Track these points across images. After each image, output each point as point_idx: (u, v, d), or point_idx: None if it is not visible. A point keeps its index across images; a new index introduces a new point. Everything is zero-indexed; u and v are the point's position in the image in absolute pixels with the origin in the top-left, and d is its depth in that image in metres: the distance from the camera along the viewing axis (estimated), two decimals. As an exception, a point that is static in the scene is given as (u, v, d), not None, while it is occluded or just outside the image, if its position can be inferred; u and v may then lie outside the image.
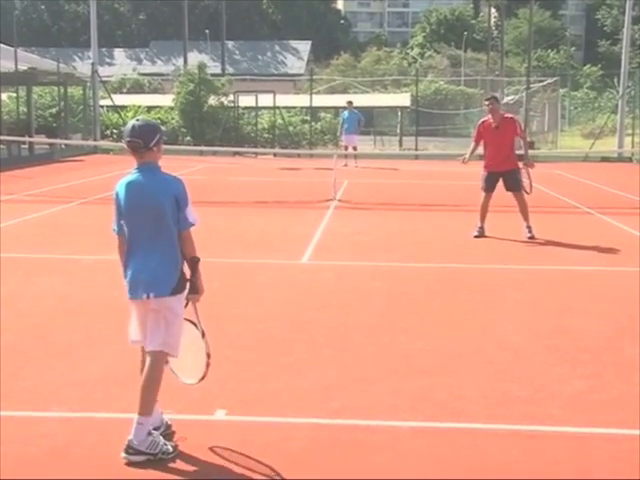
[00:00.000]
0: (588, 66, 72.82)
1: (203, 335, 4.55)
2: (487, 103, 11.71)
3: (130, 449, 4.30)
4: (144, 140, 4.38)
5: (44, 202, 15.11)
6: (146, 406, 4.37)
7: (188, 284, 4.50)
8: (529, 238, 11.51)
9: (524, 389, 5.50)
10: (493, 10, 74.72)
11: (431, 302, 8.00)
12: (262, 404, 5.15)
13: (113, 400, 5.16)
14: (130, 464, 4.28)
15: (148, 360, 4.44)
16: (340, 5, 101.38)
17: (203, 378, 4.57)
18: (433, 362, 6.07)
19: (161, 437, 4.43)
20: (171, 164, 4.46)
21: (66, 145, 27.75)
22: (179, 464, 4.33)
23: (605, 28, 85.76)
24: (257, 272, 9.32)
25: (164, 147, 4.59)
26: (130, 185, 4.44)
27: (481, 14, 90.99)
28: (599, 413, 5.09)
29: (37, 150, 27.10)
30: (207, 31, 64.90)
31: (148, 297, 4.38)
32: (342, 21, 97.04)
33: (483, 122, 11.88)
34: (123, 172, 4.50)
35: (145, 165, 4.44)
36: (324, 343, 6.52)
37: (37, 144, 27.15)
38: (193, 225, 4.45)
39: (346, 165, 23.83)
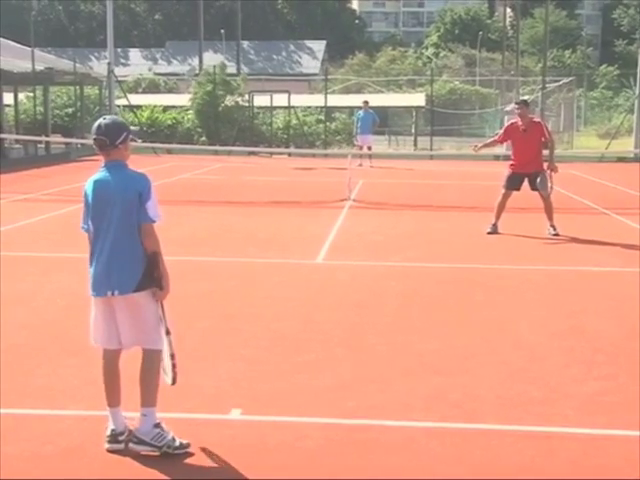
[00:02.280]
0: (604, 66, 72.46)
1: (167, 333, 4.42)
2: (517, 107, 12.07)
3: (134, 438, 4.36)
4: (110, 138, 4.41)
5: (60, 201, 15.18)
6: (149, 397, 4.40)
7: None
8: (554, 235, 11.71)
9: (539, 390, 5.49)
10: (508, 10, 74.44)
11: (445, 302, 7.98)
12: (277, 403, 5.16)
13: (128, 398, 5.16)
14: (142, 461, 4.30)
15: (143, 358, 4.46)
16: (355, 5, 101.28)
17: (174, 381, 4.44)
18: (447, 362, 6.06)
19: (171, 432, 4.44)
20: (186, 163, 4.46)
21: (82, 144, 27.83)
22: (193, 463, 4.34)
23: (622, 28, 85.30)
24: (272, 271, 9.34)
25: (181, 147, 4.59)
26: (97, 183, 4.47)
27: (496, 14, 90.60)
28: (614, 415, 5.07)
29: (53, 149, 27.27)
30: (222, 31, 65.01)
31: (113, 294, 4.38)
32: (357, 21, 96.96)
33: (512, 124, 12.25)
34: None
35: (112, 163, 4.46)
36: (338, 342, 6.53)
37: (53, 143, 27.31)
38: (154, 221, 4.42)
39: (361, 165, 23.82)
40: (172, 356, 4.39)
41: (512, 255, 10.54)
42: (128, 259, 4.39)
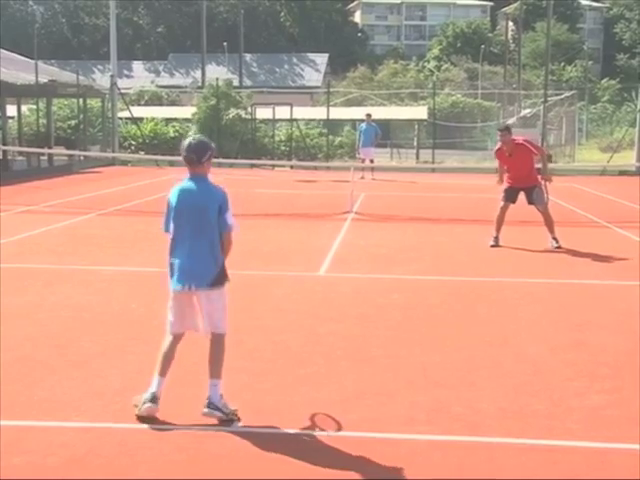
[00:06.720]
0: (606, 79, 72.61)
1: None
2: (499, 134, 12.28)
3: (211, 404, 4.97)
4: (197, 155, 5.14)
5: (63, 213, 15.22)
6: (217, 371, 5.09)
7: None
8: (556, 248, 11.76)
9: (542, 403, 5.49)
10: (510, 23, 74.74)
11: (448, 315, 7.99)
12: (279, 416, 5.16)
13: (132, 411, 5.18)
14: (144, 472, 4.31)
15: (212, 340, 5.17)
16: (357, 18, 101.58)
17: None
18: (450, 375, 6.06)
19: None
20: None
21: (85, 157, 27.96)
22: (195, 475, 4.35)
23: (623, 42, 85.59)
24: (275, 284, 9.35)
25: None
26: (183, 191, 5.18)
27: (498, 27, 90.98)
28: (618, 428, 5.07)
29: (56, 161, 27.31)
30: (225, 44, 65.29)
31: (190, 289, 5.07)
32: (359, 34, 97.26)
33: (498, 149, 12.32)
34: (141, 183, 4.61)
35: (196, 175, 5.18)
36: (341, 355, 6.54)
37: (56, 156, 27.37)
38: (231, 228, 5.15)
39: (363, 178, 23.84)
40: None
41: (514, 268, 10.55)
42: (205, 259, 5.10)
